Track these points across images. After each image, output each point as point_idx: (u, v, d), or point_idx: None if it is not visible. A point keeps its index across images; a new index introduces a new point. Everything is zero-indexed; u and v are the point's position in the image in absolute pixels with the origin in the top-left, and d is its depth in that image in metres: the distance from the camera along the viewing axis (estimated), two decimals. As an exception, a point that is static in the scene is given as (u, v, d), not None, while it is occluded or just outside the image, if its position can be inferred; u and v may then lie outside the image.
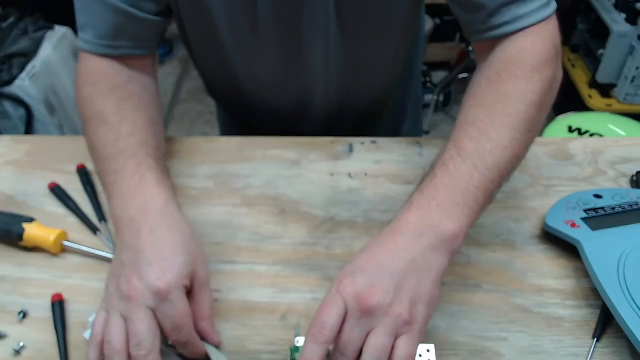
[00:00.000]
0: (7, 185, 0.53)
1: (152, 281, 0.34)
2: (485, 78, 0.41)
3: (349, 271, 0.33)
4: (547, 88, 0.40)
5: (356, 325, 0.31)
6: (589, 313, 0.41)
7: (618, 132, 1.12)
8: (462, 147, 0.37)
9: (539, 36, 0.41)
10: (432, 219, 0.34)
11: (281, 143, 0.57)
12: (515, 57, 0.41)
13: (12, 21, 1.30)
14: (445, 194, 0.35)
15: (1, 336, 0.40)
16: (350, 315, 0.31)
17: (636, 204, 0.46)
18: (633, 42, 1.35)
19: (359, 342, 0.31)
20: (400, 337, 0.31)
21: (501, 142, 0.37)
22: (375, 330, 0.31)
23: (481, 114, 0.39)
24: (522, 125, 0.38)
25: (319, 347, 0.30)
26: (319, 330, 0.31)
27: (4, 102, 1.25)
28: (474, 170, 0.36)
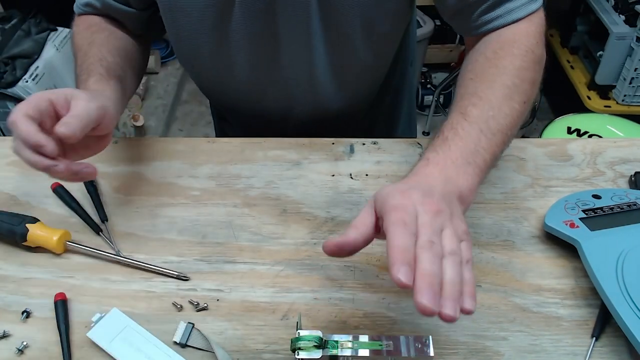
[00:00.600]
0: (10, 185, 0.53)
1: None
2: (482, 56, 0.45)
3: (402, 187, 0.33)
4: (536, 67, 0.45)
5: (433, 221, 0.31)
6: (587, 312, 0.41)
7: (616, 133, 1.13)
8: (468, 113, 0.40)
9: (530, 22, 0.46)
10: (449, 174, 0.36)
11: (282, 144, 0.57)
12: (511, 39, 0.45)
13: (15, 22, 1.31)
14: (458, 153, 0.38)
15: (5, 335, 0.40)
16: (424, 214, 0.31)
17: (634, 204, 0.46)
18: (632, 43, 1.36)
19: (440, 235, 0.31)
20: (462, 243, 0.32)
21: (502, 110, 0.41)
22: (446, 230, 0.31)
23: (482, 86, 0.42)
24: (518, 96, 0.42)
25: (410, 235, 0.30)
26: (404, 223, 0.30)
27: (7, 103, 1.26)
28: (480, 133, 0.39)
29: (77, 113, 0.39)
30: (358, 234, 0.33)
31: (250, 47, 0.53)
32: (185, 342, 0.39)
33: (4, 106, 1.27)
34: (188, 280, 0.44)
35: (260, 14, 0.50)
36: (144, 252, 0.46)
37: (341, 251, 0.33)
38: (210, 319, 0.41)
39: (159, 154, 0.57)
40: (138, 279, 0.44)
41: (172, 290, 0.43)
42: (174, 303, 0.42)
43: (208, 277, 0.44)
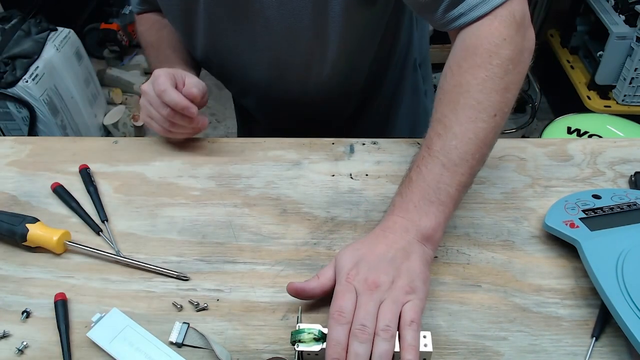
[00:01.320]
0: (10, 185, 0.53)
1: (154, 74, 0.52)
2: (449, 70, 0.44)
3: (351, 263, 0.39)
4: (508, 68, 0.41)
5: (369, 300, 0.36)
6: (587, 312, 0.41)
7: (616, 133, 1.13)
8: (432, 146, 0.41)
9: (494, 17, 0.42)
10: (412, 218, 0.40)
11: (282, 144, 0.57)
12: (474, 44, 0.42)
13: (15, 22, 1.31)
14: (420, 195, 0.40)
15: (5, 335, 0.40)
16: (362, 294, 0.36)
17: (634, 204, 0.46)
18: (632, 43, 1.36)
19: (375, 312, 0.36)
20: (405, 305, 0.36)
21: (465, 135, 0.41)
22: (384, 302, 0.36)
23: (446, 109, 0.42)
24: (485, 113, 0.41)
25: (343, 328, 0.35)
26: (339, 314, 0.36)
27: (8, 103, 1.26)
28: (442, 168, 0.40)
29: (196, 82, 0.53)
30: (317, 284, 0.39)
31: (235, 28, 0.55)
32: (181, 342, 0.39)
33: (4, 106, 1.27)
34: (188, 280, 0.44)
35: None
36: (144, 252, 0.46)
37: (300, 295, 0.40)
38: (210, 319, 0.41)
39: (159, 154, 0.57)
40: (138, 279, 0.44)
41: (172, 290, 0.43)
42: (174, 303, 0.42)
43: (208, 277, 0.44)
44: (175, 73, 0.52)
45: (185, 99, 0.50)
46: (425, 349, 0.35)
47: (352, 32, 0.54)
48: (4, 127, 1.31)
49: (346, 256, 0.39)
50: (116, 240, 0.47)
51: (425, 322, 0.41)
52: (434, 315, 0.41)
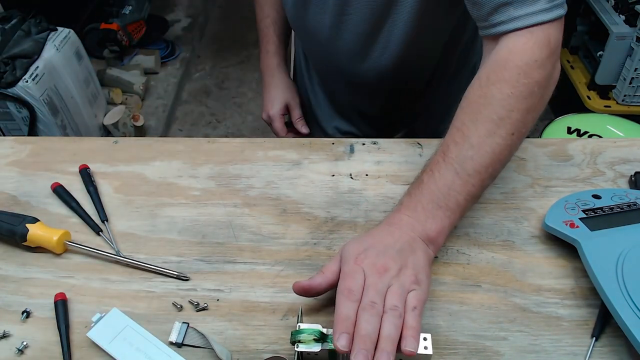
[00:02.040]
0: (10, 185, 0.53)
1: (266, 111, 0.73)
2: (477, 80, 0.44)
3: (360, 249, 0.39)
4: (534, 90, 0.42)
5: (379, 281, 0.37)
6: (587, 312, 0.41)
7: (616, 133, 1.13)
8: (447, 152, 0.42)
9: (531, 36, 0.42)
10: (418, 218, 0.40)
11: (282, 144, 0.57)
12: (505, 59, 0.43)
13: (15, 22, 1.31)
14: (429, 197, 0.41)
15: (5, 335, 0.40)
16: (371, 276, 0.37)
17: (634, 204, 0.46)
18: (632, 43, 1.36)
19: (384, 294, 0.36)
20: (410, 292, 0.37)
21: (482, 148, 0.41)
22: (391, 287, 0.37)
23: (467, 119, 0.43)
24: (504, 130, 0.41)
25: (353, 305, 0.35)
26: (349, 291, 0.36)
27: (8, 103, 1.26)
28: (455, 176, 0.41)
29: (300, 115, 0.73)
30: (323, 279, 0.39)
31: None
32: (181, 342, 0.39)
33: (4, 106, 1.27)
34: (188, 280, 0.44)
35: None
36: (144, 252, 0.46)
37: (307, 293, 0.39)
38: (210, 319, 0.41)
39: (159, 154, 0.57)
40: (138, 279, 0.44)
41: (172, 290, 0.43)
42: (174, 303, 0.42)
43: (208, 277, 0.44)
44: (288, 105, 0.73)
45: (285, 133, 0.72)
46: (425, 352, 0.35)
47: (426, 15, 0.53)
48: (4, 127, 1.31)
49: (353, 244, 0.40)
50: (116, 240, 0.47)
51: (425, 322, 0.41)
52: (434, 315, 0.41)
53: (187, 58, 2.00)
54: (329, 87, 0.72)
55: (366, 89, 0.66)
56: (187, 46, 2.05)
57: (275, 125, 0.72)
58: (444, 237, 0.41)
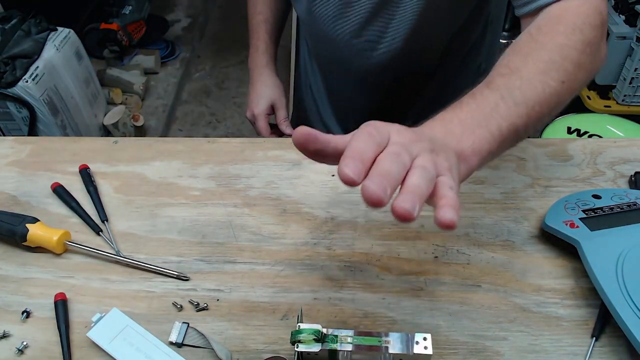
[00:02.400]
0: (10, 185, 0.53)
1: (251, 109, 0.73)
2: (526, 33, 0.41)
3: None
4: (586, 49, 0.39)
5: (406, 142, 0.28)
6: (587, 312, 0.41)
7: (616, 133, 1.13)
8: (492, 81, 0.37)
9: (584, 1, 0.41)
10: (453, 129, 0.33)
11: (282, 144, 0.57)
12: (558, 15, 0.41)
13: (15, 22, 1.31)
14: (469, 113, 0.34)
15: (4, 335, 0.40)
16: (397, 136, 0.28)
17: (634, 204, 0.46)
18: (632, 43, 1.36)
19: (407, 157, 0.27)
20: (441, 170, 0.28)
21: (532, 82, 0.37)
22: (419, 156, 0.27)
23: (516, 58, 0.39)
24: (555, 73, 0.37)
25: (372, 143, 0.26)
26: (370, 132, 0.27)
27: (8, 103, 1.26)
28: (499, 100, 0.35)
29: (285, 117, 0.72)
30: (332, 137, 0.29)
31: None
32: (181, 342, 0.39)
33: (4, 106, 1.27)
34: (188, 280, 0.44)
35: None
36: (144, 252, 0.46)
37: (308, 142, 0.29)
38: (210, 319, 0.41)
39: (159, 154, 0.57)
40: (138, 279, 0.44)
41: (172, 290, 0.43)
42: (174, 303, 0.42)
43: (208, 277, 0.44)
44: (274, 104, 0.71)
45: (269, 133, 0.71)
46: (425, 352, 0.35)
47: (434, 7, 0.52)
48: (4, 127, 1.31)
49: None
50: (116, 240, 0.47)
51: (426, 322, 0.41)
52: (434, 315, 0.41)
53: (187, 58, 2.00)
54: (331, 83, 0.71)
55: (370, 83, 0.64)
56: (187, 46, 2.05)
57: (258, 124, 0.71)
58: (477, 161, 0.33)
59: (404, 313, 0.41)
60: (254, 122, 0.72)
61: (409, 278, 0.44)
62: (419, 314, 0.41)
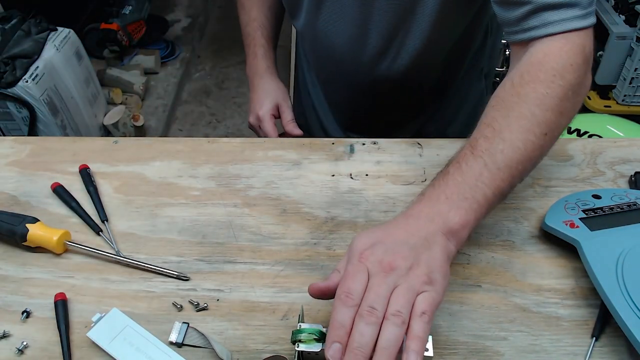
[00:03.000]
0: (10, 185, 0.53)
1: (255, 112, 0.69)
2: (509, 80, 0.43)
3: (367, 244, 0.36)
4: (568, 94, 0.41)
5: (382, 282, 0.33)
6: (587, 312, 0.41)
7: (616, 133, 1.13)
8: (476, 146, 0.39)
9: (567, 41, 0.42)
10: (440, 209, 0.37)
11: (282, 144, 0.57)
12: (540, 61, 0.42)
13: (15, 22, 1.31)
14: (455, 188, 0.37)
15: (5, 335, 0.40)
16: (375, 276, 0.34)
17: (634, 204, 0.46)
18: (632, 43, 1.36)
19: (387, 296, 0.33)
20: (420, 294, 0.33)
21: (514, 143, 0.39)
22: (398, 287, 0.33)
23: (499, 115, 0.41)
24: (537, 128, 0.39)
25: (350, 310, 0.32)
26: (347, 295, 0.33)
27: (8, 103, 1.26)
28: (484, 168, 0.38)
29: (291, 117, 0.68)
30: (340, 277, 0.35)
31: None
32: (181, 342, 0.39)
33: (4, 106, 1.27)
34: (188, 280, 0.44)
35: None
36: (144, 252, 0.46)
37: (325, 294, 0.36)
38: (210, 319, 0.41)
39: (159, 154, 0.57)
40: (138, 279, 0.44)
41: (172, 290, 0.43)
42: (174, 303, 0.42)
43: (208, 277, 0.44)
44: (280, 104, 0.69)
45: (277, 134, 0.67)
46: (426, 354, 0.35)
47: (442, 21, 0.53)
48: (4, 127, 1.31)
49: (361, 238, 0.36)
50: (116, 240, 0.47)
51: (425, 322, 0.40)
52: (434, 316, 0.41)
53: (187, 58, 2.00)
54: (332, 95, 0.70)
55: (374, 94, 0.64)
56: (187, 46, 2.05)
57: (264, 125, 0.67)
58: (468, 232, 0.37)
59: (404, 313, 0.41)
60: (259, 125, 0.68)
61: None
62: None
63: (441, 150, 0.56)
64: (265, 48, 0.70)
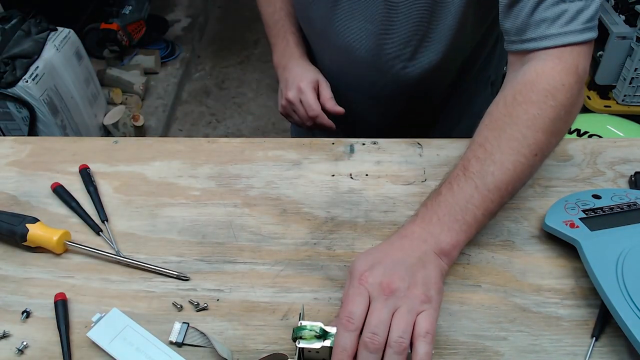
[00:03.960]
0: (10, 185, 0.53)
1: (296, 84, 0.62)
2: (503, 98, 0.44)
3: (366, 266, 0.37)
4: (560, 114, 0.42)
5: (383, 306, 0.35)
6: (587, 312, 0.41)
7: (616, 133, 1.13)
8: (468, 167, 0.41)
9: (560, 60, 0.43)
10: (432, 230, 0.39)
11: (282, 144, 0.57)
12: (532, 80, 0.43)
13: (15, 22, 1.31)
14: (446, 210, 0.40)
15: (5, 335, 0.40)
16: (376, 299, 0.35)
17: (634, 204, 0.46)
18: (632, 43, 1.36)
19: (388, 320, 0.34)
20: (420, 314, 0.35)
21: (504, 165, 0.41)
22: (399, 310, 0.35)
23: (491, 135, 0.42)
24: (527, 149, 0.41)
25: (351, 335, 0.34)
26: (348, 319, 0.34)
27: (8, 103, 1.26)
28: (474, 190, 0.40)
29: (331, 95, 0.62)
30: None
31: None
32: (181, 342, 0.39)
33: (4, 106, 1.27)
34: (188, 280, 0.44)
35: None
36: (144, 252, 0.46)
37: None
38: (210, 319, 0.41)
39: (159, 154, 0.57)
40: (138, 279, 0.44)
41: (172, 290, 0.43)
42: (174, 303, 0.42)
43: (208, 277, 0.44)
44: (320, 80, 0.63)
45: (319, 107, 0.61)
46: None
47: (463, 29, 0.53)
48: (4, 127, 1.31)
49: (360, 260, 0.38)
50: (116, 240, 0.47)
51: (425, 322, 0.40)
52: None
53: (187, 58, 2.00)
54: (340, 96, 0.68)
55: (383, 98, 0.64)
56: (187, 46, 2.05)
57: (306, 97, 0.60)
58: (459, 251, 0.40)
59: (404, 313, 0.41)
60: (300, 97, 0.61)
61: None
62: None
63: (441, 151, 0.56)
64: (297, 36, 0.66)
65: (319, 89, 0.62)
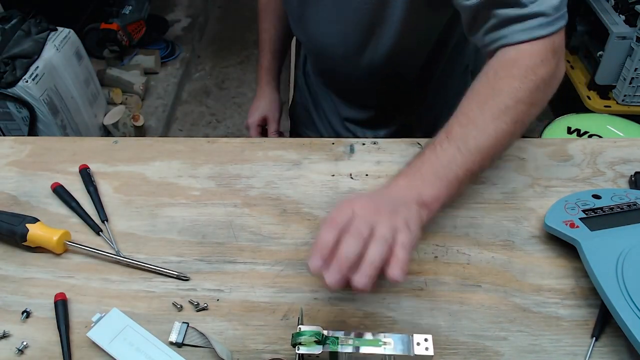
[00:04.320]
0: (10, 185, 0.53)
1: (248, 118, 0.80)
2: (484, 75, 0.46)
3: (353, 197, 0.39)
4: (539, 86, 0.44)
5: (367, 215, 0.36)
6: (587, 312, 0.41)
7: (616, 133, 1.13)
8: (451, 131, 0.43)
9: (536, 42, 0.45)
10: (415, 184, 0.41)
11: (282, 144, 0.57)
12: (513, 58, 0.45)
13: (15, 22, 1.31)
14: (430, 168, 0.42)
15: (5, 335, 0.40)
16: (358, 215, 0.36)
17: (634, 204, 0.46)
18: (632, 43, 1.36)
19: (371, 225, 0.35)
20: (398, 232, 0.36)
21: (486, 130, 0.43)
22: (380, 222, 0.36)
23: (474, 105, 0.44)
24: (509, 117, 0.43)
25: (335, 231, 0.35)
26: (332, 219, 0.36)
27: (8, 103, 1.26)
28: (457, 152, 0.42)
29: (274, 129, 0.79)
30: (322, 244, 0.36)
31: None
32: (181, 342, 0.39)
33: (4, 106, 1.27)
34: (188, 280, 0.44)
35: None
36: (144, 252, 0.46)
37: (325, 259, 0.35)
38: (210, 319, 0.41)
39: (159, 154, 0.57)
40: (138, 279, 0.44)
41: (172, 290, 0.43)
42: (174, 303, 0.42)
43: (208, 277, 0.44)
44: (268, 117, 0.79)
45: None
46: (426, 353, 0.35)
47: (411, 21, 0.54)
48: (4, 127, 1.31)
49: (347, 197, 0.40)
50: (116, 240, 0.47)
51: (426, 322, 0.41)
52: (434, 316, 0.41)
53: (187, 58, 2.00)
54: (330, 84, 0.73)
55: (360, 85, 0.67)
56: (187, 46, 2.05)
57: (250, 133, 0.81)
58: (439, 206, 0.41)
59: (404, 313, 0.41)
60: (248, 130, 0.81)
61: (409, 278, 0.44)
62: (419, 314, 0.41)
63: (441, 150, 0.56)
64: (270, 61, 0.77)
65: (267, 122, 0.79)
